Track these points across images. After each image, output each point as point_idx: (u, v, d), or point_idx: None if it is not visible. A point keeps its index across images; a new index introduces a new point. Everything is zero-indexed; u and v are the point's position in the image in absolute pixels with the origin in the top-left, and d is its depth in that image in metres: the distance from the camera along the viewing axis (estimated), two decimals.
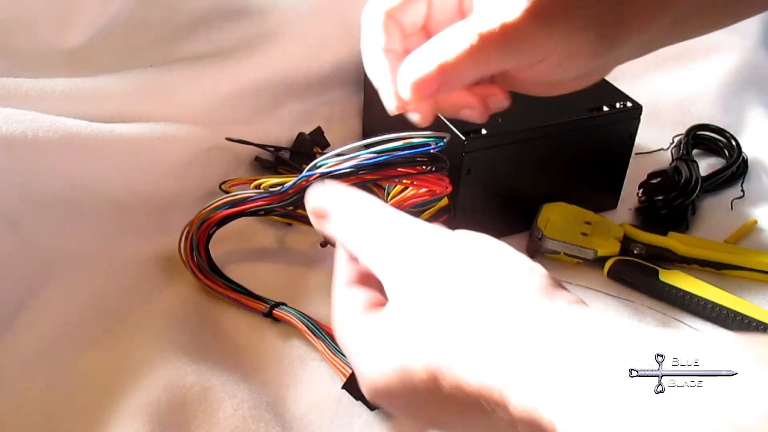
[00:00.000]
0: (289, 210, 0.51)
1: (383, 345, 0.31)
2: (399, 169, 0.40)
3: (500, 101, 0.41)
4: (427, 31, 0.42)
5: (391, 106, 0.40)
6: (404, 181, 0.45)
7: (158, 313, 0.49)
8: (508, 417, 0.27)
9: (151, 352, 0.46)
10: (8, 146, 0.47)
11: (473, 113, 0.40)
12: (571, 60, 0.38)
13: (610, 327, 0.26)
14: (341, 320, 0.34)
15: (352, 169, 0.43)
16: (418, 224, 0.34)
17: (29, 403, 0.43)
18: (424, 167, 0.41)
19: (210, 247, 0.51)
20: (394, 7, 0.40)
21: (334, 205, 0.37)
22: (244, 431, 0.42)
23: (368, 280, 0.35)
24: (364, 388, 0.33)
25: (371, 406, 0.44)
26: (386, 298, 0.33)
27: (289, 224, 0.58)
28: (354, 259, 0.36)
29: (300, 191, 0.46)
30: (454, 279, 0.30)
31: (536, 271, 0.30)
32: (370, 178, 0.44)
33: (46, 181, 0.50)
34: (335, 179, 0.43)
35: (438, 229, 0.33)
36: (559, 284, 0.30)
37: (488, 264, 0.31)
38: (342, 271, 0.36)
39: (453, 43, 0.36)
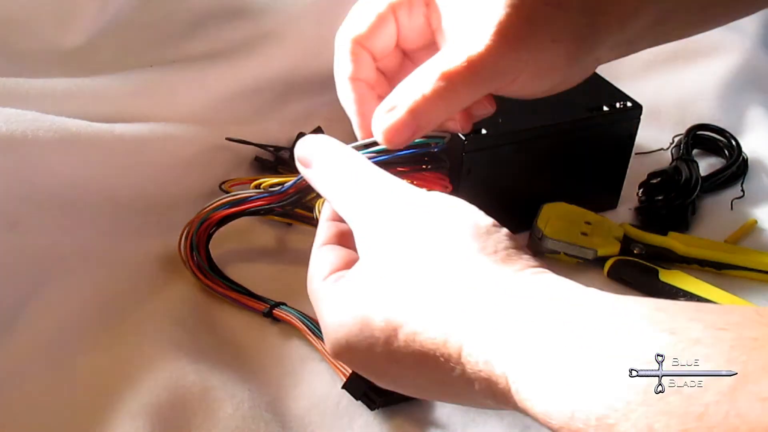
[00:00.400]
0: (289, 210, 0.51)
1: (347, 299, 0.32)
2: (399, 169, 0.40)
3: (485, 108, 0.41)
4: (402, 49, 0.42)
5: (360, 137, 0.40)
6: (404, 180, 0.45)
7: (158, 313, 0.49)
8: (463, 372, 0.28)
9: (151, 352, 0.46)
10: (8, 146, 0.47)
11: (456, 125, 0.40)
12: (547, 72, 0.38)
13: (591, 302, 0.27)
14: (311, 280, 0.35)
15: None
16: (395, 182, 0.34)
17: (29, 403, 0.43)
18: (423, 167, 0.41)
19: (210, 247, 0.51)
20: (361, 35, 0.40)
21: (317, 153, 0.37)
22: (244, 431, 0.42)
23: (347, 239, 0.36)
24: (327, 343, 0.33)
25: (371, 406, 0.44)
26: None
27: (289, 224, 0.58)
28: (336, 218, 0.37)
29: (300, 191, 0.46)
30: (421, 239, 0.31)
31: (501, 233, 0.31)
32: None
33: (46, 181, 0.50)
34: None
35: (413, 190, 0.34)
36: (522, 248, 0.31)
37: (456, 226, 0.31)
38: (321, 232, 0.38)
39: (420, 86, 0.36)
